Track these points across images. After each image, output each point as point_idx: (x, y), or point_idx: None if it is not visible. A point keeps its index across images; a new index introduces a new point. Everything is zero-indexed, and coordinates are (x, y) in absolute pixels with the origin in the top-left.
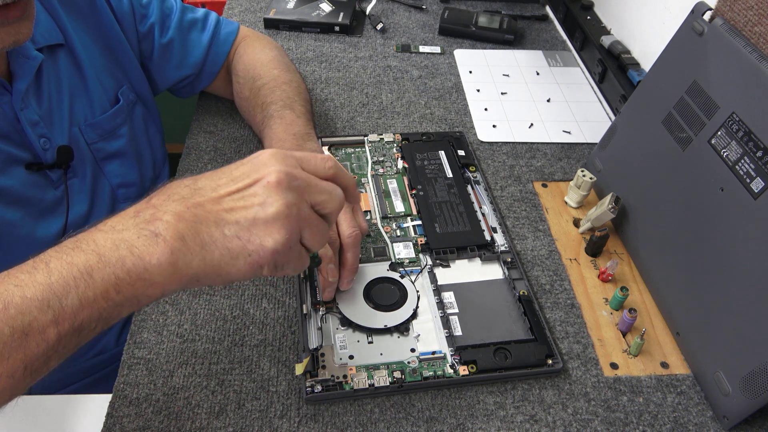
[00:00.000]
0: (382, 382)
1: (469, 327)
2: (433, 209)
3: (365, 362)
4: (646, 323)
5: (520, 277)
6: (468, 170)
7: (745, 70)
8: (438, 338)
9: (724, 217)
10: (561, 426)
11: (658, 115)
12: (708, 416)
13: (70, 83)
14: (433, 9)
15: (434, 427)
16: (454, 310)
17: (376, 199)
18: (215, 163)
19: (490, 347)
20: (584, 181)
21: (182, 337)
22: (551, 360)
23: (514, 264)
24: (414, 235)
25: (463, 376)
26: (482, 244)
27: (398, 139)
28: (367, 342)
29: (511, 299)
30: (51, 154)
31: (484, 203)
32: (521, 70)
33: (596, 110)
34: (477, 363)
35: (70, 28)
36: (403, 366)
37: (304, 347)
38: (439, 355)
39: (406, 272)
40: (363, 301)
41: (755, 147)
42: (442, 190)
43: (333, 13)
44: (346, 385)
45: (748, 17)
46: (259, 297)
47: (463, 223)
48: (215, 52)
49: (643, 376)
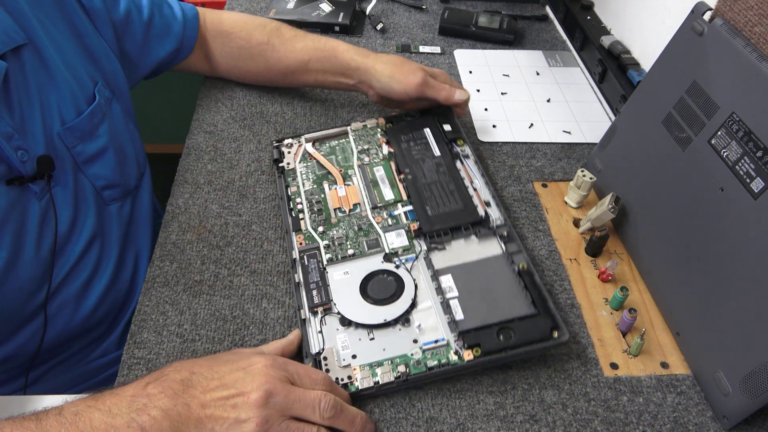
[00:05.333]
0: (386, 379)
1: (471, 309)
2: (423, 192)
3: (368, 360)
4: (646, 323)
5: (518, 250)
6: (456, 144)
7: (745, 70)
8: (440, 325)
9: (724, 217)
10: (561, 426)
11: (658, 115)
12: (708, 416)
13: (39, 85)
14: (433, 9)
15: (434, 427)
16: (453, 294)
17: (364, 190)
18: (215, 163)
19: (493, 328)
20: (584, 181)
21: (182, 337)
22: (557, 332)
23: (511, 237)
24: (406, 221)
25: (468, 362)
26: (476, 221)
27: (382, 124)
28: (369, 339)
29: (511, 274)
30: (30, 166)
31: (476, 177)
32: (521, 70)
33: (596, 110)
34: (481, 346)
35: (36, 23)
36: (407, 359)
37: (306, 353)
38: (442, 343)
39: (401, 262)
40: (360, 298)
41: (755, 147)
42: (431, 170)
43: (333, 13)
44: (351, 386)
45: (748, 17)
46: (259, 297)
47: (455, 201)
48: (189, 20)
49: (643, 376)
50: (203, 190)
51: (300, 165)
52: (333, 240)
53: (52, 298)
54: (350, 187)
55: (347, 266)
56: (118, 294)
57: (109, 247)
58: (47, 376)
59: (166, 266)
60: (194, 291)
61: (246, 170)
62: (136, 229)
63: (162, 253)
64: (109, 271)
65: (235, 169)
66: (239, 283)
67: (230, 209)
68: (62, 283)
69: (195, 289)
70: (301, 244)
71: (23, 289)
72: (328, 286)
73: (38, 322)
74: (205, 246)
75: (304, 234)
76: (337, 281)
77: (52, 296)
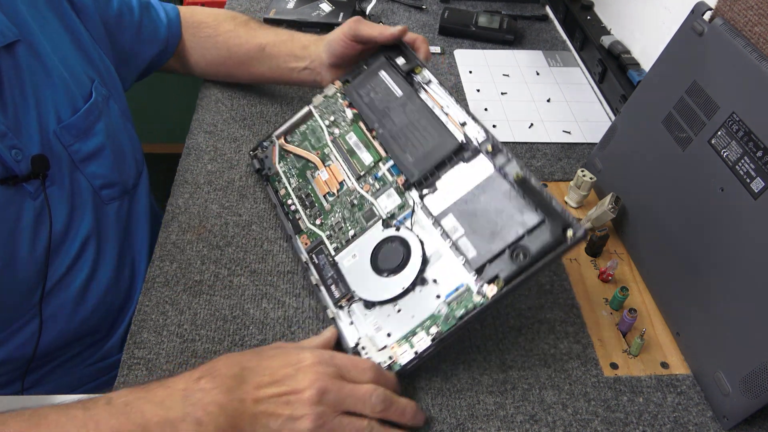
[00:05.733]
0: (423, 345)
1: (480, 242)
2: (398, 141)
3: (403, 333)
4: (646, 323)
5: (507, 160)
6: (414, 74)
7: (745, 70)
8: (456, 271)
9: (724, 217)
10: (561, 426)
11: (658, 115)
12: (708, 416)
13: (35, 82)
14: (433, 9)
15: (434, 427)
16: (459, 233)
17: (344, 164)
18: (215, 163)
19: (505, 253)
20: (584, 181)
21: (182, 337)
22: (570, 231)
23: (496, 148)
24: (392, 178)
25: (494, 297)
26: (457, 147)
27: (339, 87)
28: (396, 312)
29: (508, 188)
30: (25, 165)
31: (442, 97)
32: (521, 70)
33: (596, 110)
34: (500, 276)
35: (31, 20)
36: (436, 318)
37: (346, 349)
38: (462, 289)
39: (399, 222)
40: (375, 276)
41: (755, 147)
42: (399, 114)
43: (333, 13)
44: (395, 366)
45: (748, 17)
46: (259, 297)
47: (431, 135)
48: (173, 20)
49: (643, 376)
50: (203, 190)
51: (280, 165)
52: (333, 228)
53: (50, 300)
54: (331, 167)
55: (353, 248)
56: (118, 295)
57: (107, 248)
58: (47, 379)
59: (166, 266)
60: (194, 291)
61: (246, 170)
62: (134, 229)
63: (162, 253)
64: (108, 272)
65: (235, 169)
66: (239, 283)
67: (230, 209)
68: (60, 283)
69: (195, 289)
70: (306, 243)
71: (19, 289)
72: (344, 276)
73: (36, 324)
74: (205, 246)
75: (306, 233)
76: (348, 267)
77: (50, 297)
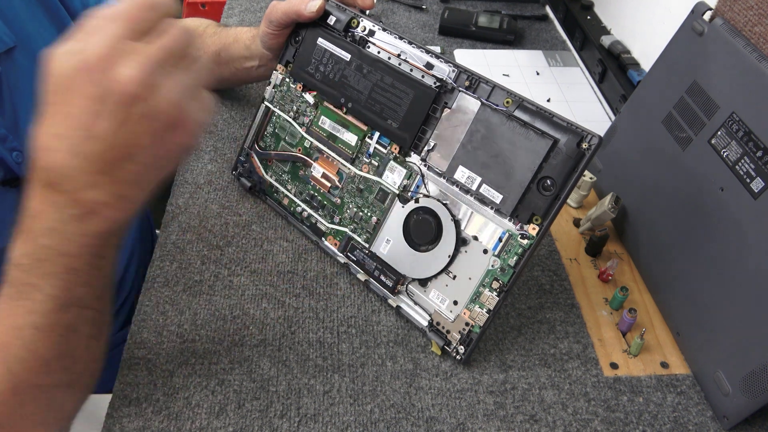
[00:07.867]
0: (492, 303)
1: (502, 184)
2: (372, 109)
3: (468, 297)
4: (646, 323)
5: (490, 89)
6: (352, 29)
7: (745, 70)
8: (492, 220)
9: (724, 217)
10: (561, 426)
11: (658, 115)
12: (708, 416)
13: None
14: (433, 9)
15: (434, 427)
16: (476, 182)
17: (331, 152)
18: (215, 163)
19: (531, 187)
20: (584, 181)
21: (182, 337)
22: (585, 143)
23: (473, 80)
24: (386, 150)
25: (539, 234)
26: (434, 94)
27: (284, 71)
28: (453, 279)
29: (505, 120)
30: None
31: (393, 45)
32: (521, 70)
33: (596, 110)
34: (536, 213)
35: (30, 26)
36: (493, 273)
37: (423, 332)
38: (505, 237)
39: (414, 193)
40: (417, 254)
41: (755, 147)
42: (358, 79)
43: None
44: (475, 328)
45: (748, 17)
46: (259, 297)
47: (402, 91)
48: None
49: (643, 376)
50: (203, 190)
51: (269, 174)
52: (353, 220)
53: None
54: (321, 159)
55: (384, 234)
56: None
57: None
58: None
59: (166, 266)
60: (194, 291)
61: None
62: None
63: (162, 253)
64: None
65: None
66: (239, 283)
67: (230, 209)
68: None
69: (195, 289)
70: (336, 244)
71: None
72: (388, 264)
73: None
74: (205, 246)
75: (330, 233)
76: (388, 254)
77: None
